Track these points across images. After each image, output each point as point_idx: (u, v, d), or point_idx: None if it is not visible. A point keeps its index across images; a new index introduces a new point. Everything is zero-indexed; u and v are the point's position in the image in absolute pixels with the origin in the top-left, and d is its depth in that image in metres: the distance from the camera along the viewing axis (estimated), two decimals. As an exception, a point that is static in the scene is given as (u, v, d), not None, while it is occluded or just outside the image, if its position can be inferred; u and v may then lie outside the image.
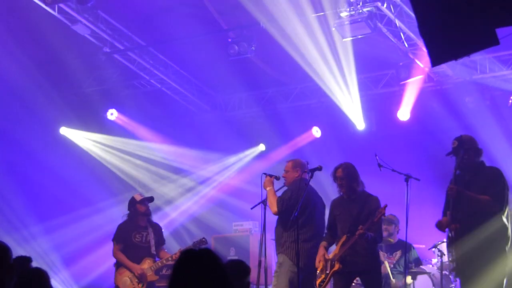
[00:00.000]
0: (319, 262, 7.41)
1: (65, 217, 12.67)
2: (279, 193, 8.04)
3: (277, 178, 7.97)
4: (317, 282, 7.41)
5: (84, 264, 12.45)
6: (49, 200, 12.94)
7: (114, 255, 9.23)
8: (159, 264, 9.12)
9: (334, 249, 7.56)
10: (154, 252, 9.19)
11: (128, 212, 9.36)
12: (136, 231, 9.26)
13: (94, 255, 11.91)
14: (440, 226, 6.94)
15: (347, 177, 7.43)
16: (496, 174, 6.90)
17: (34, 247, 12.30)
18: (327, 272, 7.35)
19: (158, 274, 9.16)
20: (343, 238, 7.33)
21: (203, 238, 9.22)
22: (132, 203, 9.34)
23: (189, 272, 3.30)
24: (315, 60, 10.92)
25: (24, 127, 12.82)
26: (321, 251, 7.48)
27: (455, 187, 6.79)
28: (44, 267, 4.86)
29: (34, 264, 5.55)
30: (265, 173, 8.02)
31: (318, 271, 7.44)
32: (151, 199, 9.48)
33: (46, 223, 12.71)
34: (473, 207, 6.79)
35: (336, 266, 7.26)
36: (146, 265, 9.09)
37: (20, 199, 12.58)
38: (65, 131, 13.34)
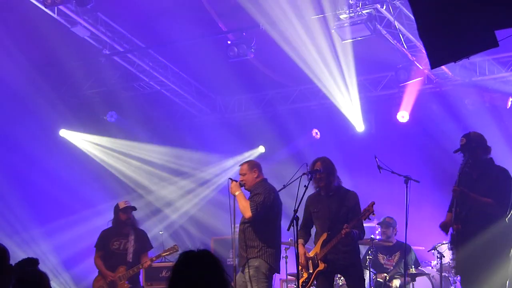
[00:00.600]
0: (302, 260, 7.30)
1: (65, 219, 12.65)
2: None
3: (242, 185, 7.67)
4: (300, 282, 7.34)
5: (84, 266, 12.41)
6: (49, 202, 12.91)
7: (94, 262, 9.29)
8: (130, 272, 9.04)
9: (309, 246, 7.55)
10: (130, 260, 9.10)
11: (113, 218, 9.35)
12: (116, 238, 9.23)
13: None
14: (444, 227, 6.91)
15: (325, 170, 7.35)
16: (504, 177, 6.84)
17: (34, 249, 12.28)
18: (310, 271, 7.31)
19: (132, 282, 9.06)
20: (324, 236, 7.27)
21: (175, 245, 9.25)
22: (116, 210, 9.32)
23: (188, 273, 3.31)
24: (315, 62, 10.92)
25: (24, 129, 12.79)
26: (301, 249, 7.32)
27: (458, 189, 6.77)
28: (44, 269, 4.85)
29: (34, 266, 5.54)
30: (230, 178, 7.72)
31: (299, 270, 7.39)
32: (133, 208, 9.38)
33: (46, 225, 12.70)
34: (476, 208, 6.76)
35: (321, 266, 7.21)
36: (119, 273, 9.05)
37: (20, 202, 12.56)
38: (65, 134, 13.32)
